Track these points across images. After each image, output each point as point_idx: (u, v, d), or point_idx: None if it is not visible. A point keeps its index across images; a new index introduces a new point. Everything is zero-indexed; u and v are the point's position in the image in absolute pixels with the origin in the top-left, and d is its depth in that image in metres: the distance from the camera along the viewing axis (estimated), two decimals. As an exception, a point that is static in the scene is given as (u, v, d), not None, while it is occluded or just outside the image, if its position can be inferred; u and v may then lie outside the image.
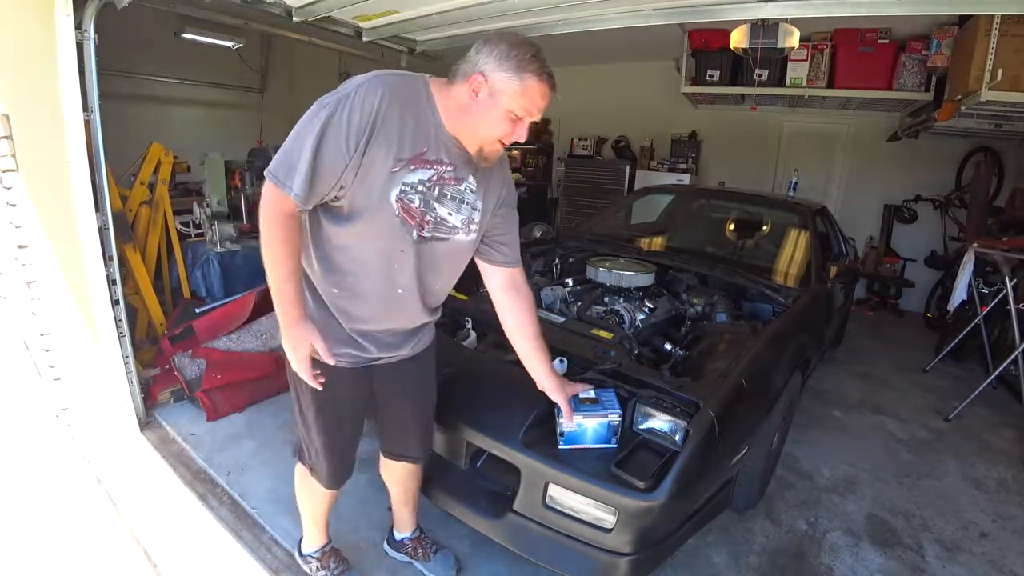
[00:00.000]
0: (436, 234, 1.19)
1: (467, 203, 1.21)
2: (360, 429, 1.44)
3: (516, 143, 1.15)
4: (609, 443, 1.40)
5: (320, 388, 1.21)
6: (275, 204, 1.08)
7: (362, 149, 1.04)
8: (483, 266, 1.38)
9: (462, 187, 1.19)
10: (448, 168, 1.15)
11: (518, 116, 1.09)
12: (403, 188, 1.11)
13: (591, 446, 1.40)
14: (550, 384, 1.40)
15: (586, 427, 1.39)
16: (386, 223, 1.13)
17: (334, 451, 1.38)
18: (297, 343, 1.17)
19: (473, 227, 1.24)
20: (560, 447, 1.41)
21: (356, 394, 1.36)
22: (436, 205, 1.16)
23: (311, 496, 1.52)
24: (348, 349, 1.27)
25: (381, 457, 1.58)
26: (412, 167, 1.10)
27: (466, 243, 1.26)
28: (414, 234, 1.16)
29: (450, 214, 1.19)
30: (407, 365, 1.38)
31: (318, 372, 1.20)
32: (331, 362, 1.21)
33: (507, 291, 1.39)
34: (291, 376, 1.29)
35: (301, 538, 1.65)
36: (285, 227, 1.09)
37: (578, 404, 1.41)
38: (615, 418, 1.39)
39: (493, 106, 1.07)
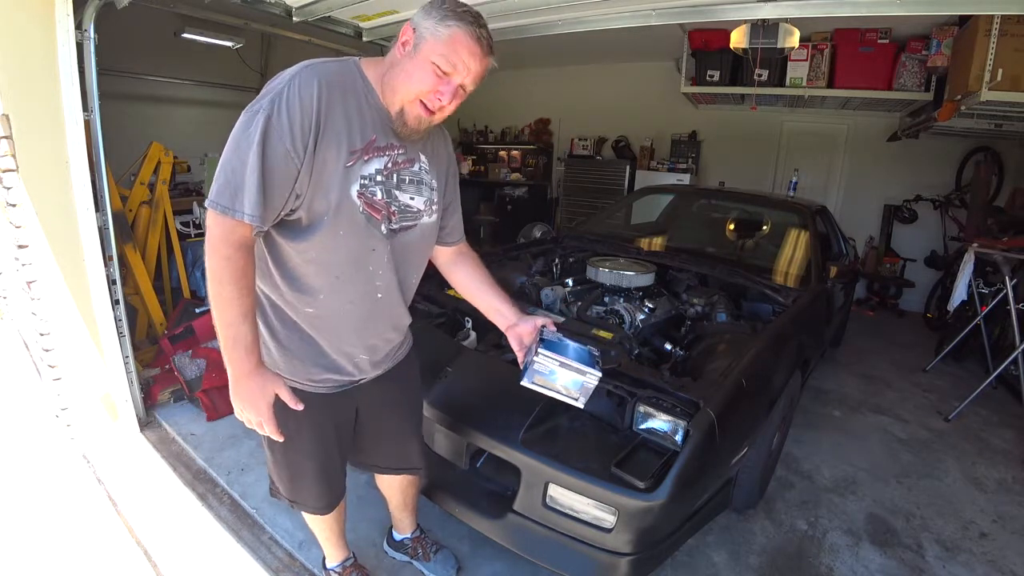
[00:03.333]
0: (404, 223, 1.13)
1: (425, 183, 1.16)
2: (348, 452, 1.36)
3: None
4: (592, 367, 1.19)
5: (283, 439, 1.09)
6: (225, 236, 0.94)
7: (311, 147, 0.96)
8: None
9: (416, 168, 1.13)
10: (399, 152, 1.09)
11: (443, 71, 0.99)
12: (362, 182, 1.03)
13: (571, 361, 1.18)
14: (523, 327, 1.27)
15: (567, 344, 1.22)
16: (352, 224, 1.04)
17: (323, 480, 1.30)
18: (257, 396, 1.02)
19: (434, 207, 1.20)
20: (520, 379, 1.21)
21: (342, 419, 1.27)
22: (397, 193, 1.10)
23: (315, 520, 1.47)
24: (329, 374, 1.18)
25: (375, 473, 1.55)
26: (366, 158, 1.03)
27: (431, 224, 1.21)
28: (383, 228, 1.09)
29: (412, 198, 1.13)
30: (390, 379, 1.31)
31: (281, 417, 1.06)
32: (299, 408, 1.06)
33: (454, 260, 1.37)
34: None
35: (324, 556, 1.62)
36: (238, 261, 0.96)
37: (552, 346, 1.21)
38: (592, 379, 1.19)
39: (416, 55, 0.99)
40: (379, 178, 1.06)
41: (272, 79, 0.98)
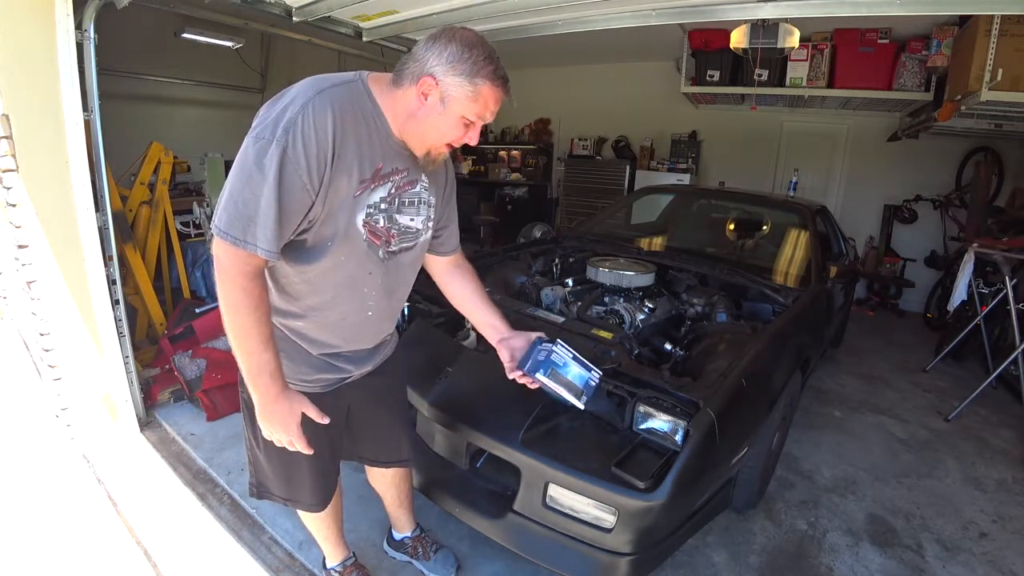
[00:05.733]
0: (403, 245, 1.14)
1: (423, 202, 1.16)
2: (340, 449, 1.37)
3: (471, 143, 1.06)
4: (590, 371, 1.23)
5: (312, 452, 1.12)
6: (238, 267, 0.94)
7: (327, 180, 0.95)
8: (427, 259, 1.33)
9: (417, 188, 1.13)
10: (402, 175, 1.08)
11: (470, 121, 1.02)
12: (368, 211, 1.04)
13: (561, 388, 1.20)
14: (515, 343, 1.27)
15: (570, 368, 1.22)
16: (353, 250, 1.06)
17: (317, 477, 1.30)
18: (287, 418, 1.05)
19: (430, 223, 1.20)
20: (531, 371, 1.20)
21: (334, 416, 1.23)
22: (398, 217, 1.10)
23: (312, 519, 1.48)
24: (321, 374, 1.21)
25: (367, 467, 1.56)
26: (372, 186, 1.03)
27: (426, 242, 1.22)
28: (381, 253, 1.10)
29: (412, 219, 1.14)
30: (379, 375, 1.33)
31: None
32: (325, 422, 1.10)
33: (450, 272, 1.37)
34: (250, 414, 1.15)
35: (324, 556, 1.62)
36: (253, 291, 0.96)
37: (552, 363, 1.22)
38: (595, 376, 1.24)
39: (444, 112, 0.99)
40: (383, 206, 1.06)
41: (277, 99, 0.95)
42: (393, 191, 1.08)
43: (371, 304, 1.16)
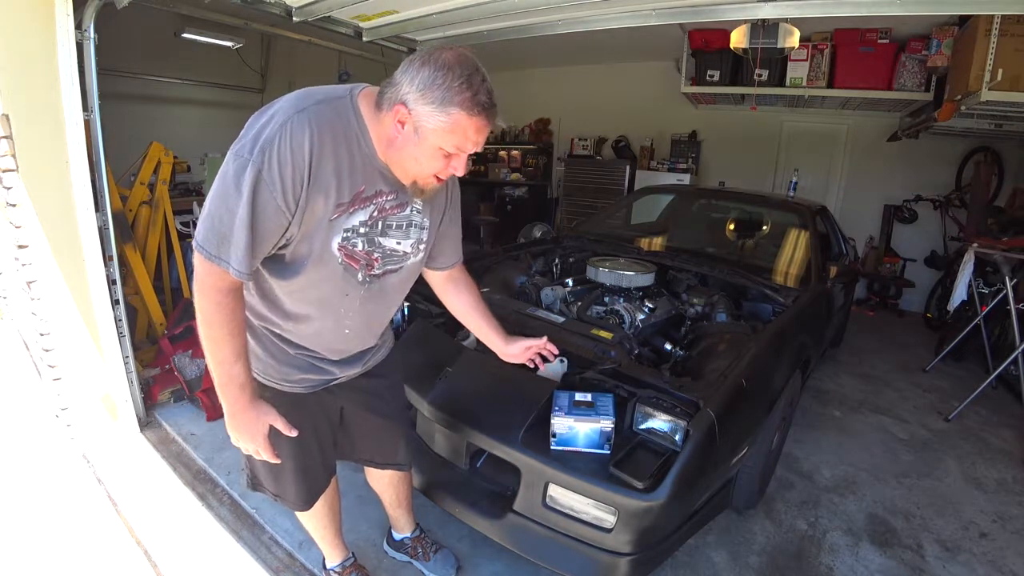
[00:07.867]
0: (388, 268, 1.12)
1: (415, 225, 1.12)
2: (330, 450, 1.37)
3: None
4: (601, 448, 1.40)
5: (280, 461, 1.14)
6: (211, 280, 0.94)
7: (303, 202, 0.93)
8: (424, 271, 1.33)
9: (407, 211, 1.09)
10: (389, 198, 1.04)
11: (451, 152, 0.95)
12: (344, 235, 1.01)
13: (583, 450, 1.40)
14: (511, 350, 1.41)
15: (578, 431, 1.39)
16: (330, 272, 1.04)
17: (301, 477, 1.29)
18: (254, 428, 1.07)
19: (422, 246, 1.17)
20: (552, 447, 1.41)
21: (321, 417, 1.28)
22: (381, 240, 1.07)
23: (308, 519, 1.48)
24: (304, 375, 1.20)
25: (366, 468, 1.56)
26: (351, 210, 1.00)
27: (417, 264, 1.19)
28: (360, 276, 1.08)
29: (399, 243, 1.10)
30: (374, 377, 1.33)
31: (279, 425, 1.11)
32: (293, 434, 1.11)
33: (447, 286, 1.38)
34: None
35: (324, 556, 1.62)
36: (226, 304, 0.96)
37: (572, 407, 1.41)
38: (607, 424, 1.38)
39: (420, 143, 0.93)
40: (362, 229, 1.04)
41: (262, 112, 0.93)
42: (376, 214, 1.04)
43: (348, 323, 1.16)
